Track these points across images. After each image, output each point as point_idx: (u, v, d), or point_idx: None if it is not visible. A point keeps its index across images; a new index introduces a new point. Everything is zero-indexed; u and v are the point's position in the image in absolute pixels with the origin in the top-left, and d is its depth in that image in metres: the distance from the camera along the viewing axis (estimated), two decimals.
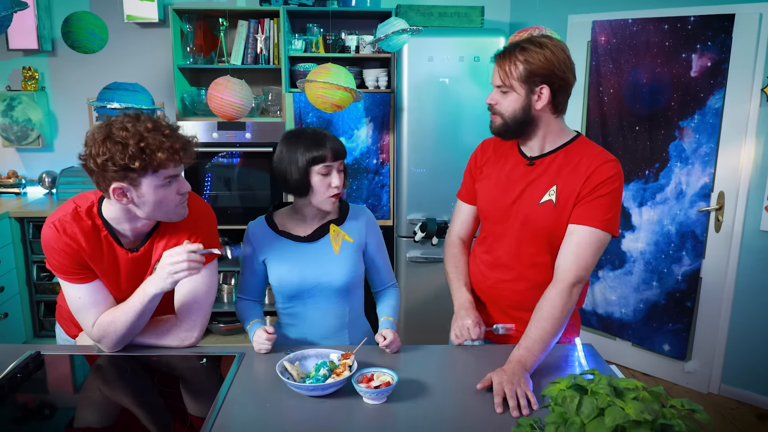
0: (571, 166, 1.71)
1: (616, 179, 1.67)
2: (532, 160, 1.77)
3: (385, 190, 3.65)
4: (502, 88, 1.70)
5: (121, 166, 1.47)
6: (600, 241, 1.66)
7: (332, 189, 1.79)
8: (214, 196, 3.63)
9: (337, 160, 1.79)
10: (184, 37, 3.66)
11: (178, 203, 1.61)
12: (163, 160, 1.49)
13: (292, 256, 1.85)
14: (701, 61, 3.03)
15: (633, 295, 3.44)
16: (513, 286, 1.82)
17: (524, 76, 1.66)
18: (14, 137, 3.94)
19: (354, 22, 3.84)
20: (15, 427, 1.43)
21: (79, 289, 1.64)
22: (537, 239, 1.75)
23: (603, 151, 1.73)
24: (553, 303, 1.63)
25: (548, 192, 1.71)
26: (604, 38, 3.34)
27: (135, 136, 1.48)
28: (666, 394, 1.00)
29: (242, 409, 1.46)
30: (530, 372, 1.56)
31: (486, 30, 3.47)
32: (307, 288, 1.85)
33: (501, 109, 1.72)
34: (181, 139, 1.55)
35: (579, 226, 1.66)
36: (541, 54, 1.65)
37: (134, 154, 1.47)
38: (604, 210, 1.65)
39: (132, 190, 1.53)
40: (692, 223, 3.19)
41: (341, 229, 1.88)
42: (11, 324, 3.52)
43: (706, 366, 3.31)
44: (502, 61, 1.69)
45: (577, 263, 1.64)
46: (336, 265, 1.85)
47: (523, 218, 1.75)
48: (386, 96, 3.55)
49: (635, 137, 3.31)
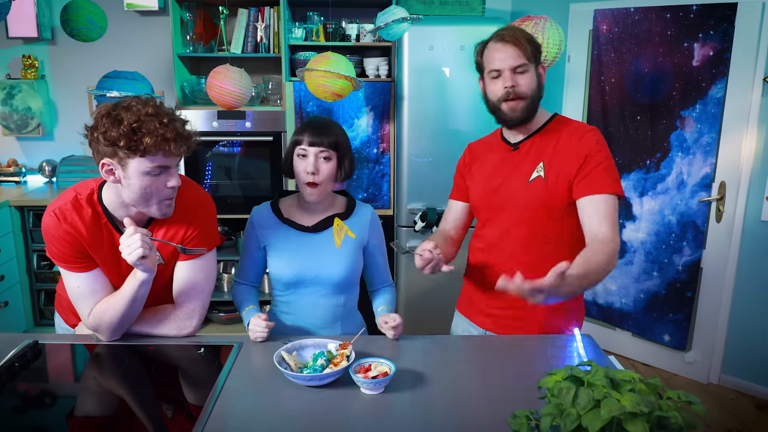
0: (553, 142, 1.76)
1: (602, 144, 1.72)
2: (516, 145, 1.81)
3: (385, 180, 3.64)
4: (519, 68, 1.70)
5: (111, 142, 1.48)
6: (615, 204, 1.68)
7: (306, 175, 1.78)
8: (214, 185, 3.62)
9: (312, 146, 1.77)
10: (184, 25, 3.64)
11: (164, 197, 1.58)
12: (149, 145, 1.48)
13: (293, 245, 1.86)
14: (703, 50, 3.00)
15: (633, 285, 3.44)
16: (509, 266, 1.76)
17: (533, 54, 1.72)
18: (14, 126, 3.94)
19: (354, 11, 3.81)
20: (12, 415, 1.43)
21: (78, 277, 1.64)
22: (530, 217, 1.76)
23: (581, 123, 1.80)
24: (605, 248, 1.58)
25: (536, 169, 1.75)
26: (606, 27, 3.31)
27: (132, 116, 1.48)
28: (663, 386, 1.00)
29: (240, 398, 1.47)
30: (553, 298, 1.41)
31: (487, 18, 3.44)
32: (304, 278, 1.85)
33: (523, 89, 1.72)
34: (177, 130, 1.52)
35: (591, 196, 1.67)
36: (529, 33, 1.75)
37: (124, 133, 1.47)
38: (606, 176, 1.68)
39: (119, 169, 1.52)
40: (693, 213, 3.18)
41: (345, 224, 1.88)
42: (11, 313, 3.53)
43: (706, 356, 3.31)
44: (515, 41, 1.70)
45: (609, 224, 1.64)
46: (336, 259, 1.85)
47: (514, 199, 1.78)
48: (387, 85, 3.53)
49: (636, 127, 3.29)
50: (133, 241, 1.51)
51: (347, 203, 1.93)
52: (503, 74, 1.72)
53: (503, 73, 1.71)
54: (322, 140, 1.77)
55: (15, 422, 1.40)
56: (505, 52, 1.70)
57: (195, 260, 1.71)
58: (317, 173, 1.78)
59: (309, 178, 1.78)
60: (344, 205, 1.93)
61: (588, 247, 1.62)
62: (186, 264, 1.72)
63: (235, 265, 3.84)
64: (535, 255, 1.77)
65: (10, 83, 3.88)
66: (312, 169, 1.77)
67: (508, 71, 1.71)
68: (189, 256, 1.70)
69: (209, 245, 1.73)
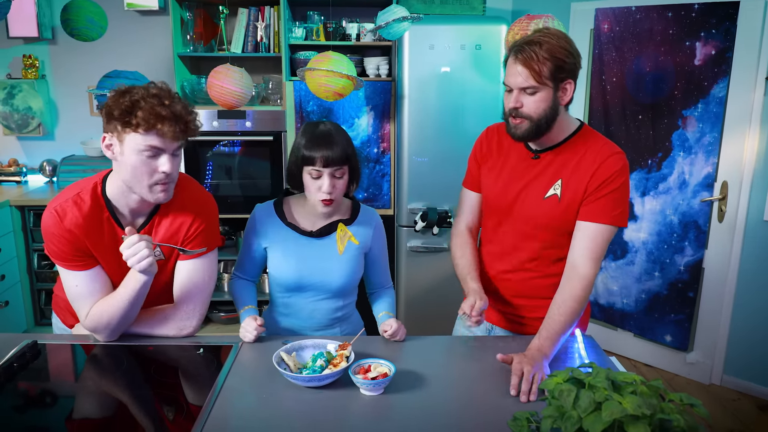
0: (575, 159, 1.69)
1: (622, 172, 1.67)
2: (537, 153, 1.74)
3: (385, 180, 3.64)
4: (528, 89, 1.61)
5: (108, 113, 1.51)
6: (610, 235, 1.67)
7: (321, 194, 1.73)
8: (215, 184, 3.61)
9: (327, 167, 1.71)
10: (184, 25, 3.63)
11: (156, 182, 1.56)
12: (140, 119, 1.48)
13: (294, 249, 1.83)
14: (705, 49, 2.99)
15: (635, 286, 3.43)
16: (514, 276, 1.82)
17: (553, 73, 1.60)
18: (15, 125, 3.93)
19: (355, 10, 3.81)
20: (11, 416, 1.42)
21: (76, 276, 1.63)
22: (541, 233, 1.74)
23: (607, 143, 1.71)
24: (575, 297, 1.62)
25: (553, 186, 1.70)
26: (607, 26, 3.30)
27: (137, 94, 1.50)
28: (665, 389, 0.99)
29: (239, 399, 1.46)
30: (549, 360, 1.58)
31: (488, 18, 3.43)
32: (304, 283, 1.83)
33: (528, 111, 1.63)
34: (174, 110, 1.51)
35: (590, 223, 1.66)
36: (560, 46, 1.60)
37: (122, 108, 1.49)
38: (614, 206, 1.65)
39: (117, 144, 1.54)
40: (695, 213, 3.17)
41: (349, 229, 1.85)
42: (12, 312, 3.53)
43: (707, 357, 3.30)
44: (528, 61, 1.59)
45: (593, 258, 1.65)
46: (337, 265, 1.83)
47: (528, 212, 1.74)
48: (387, 84, 3.52)
49: (638, 126, 3.28)
50: (138, 248, 1.51)
51: (352, 207, 1.90)
52: (513, 92, 1.65)
53: (513, 91, 1.65)
54: (335, 158, 1.70)
55: (14, 423, 1.40)
56: (516, 71, 1.62)
57: (196, 260, 1.71)
58: (333, 192, 1.73)
59: (325, 196, 1.73)
60: (349, 209, 1.89)
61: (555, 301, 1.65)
62: (187, 264, 1.71)
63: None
64: (542, 266, 1.78)
65: (11, 83, 3.88)
66: (328, 189, 1.72)
67: (517, 90, 1.64)
68: (189, 256, 1.70)
69: (211, 244, 1.73)
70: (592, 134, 1.74)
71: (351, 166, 1.77)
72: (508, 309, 1.87)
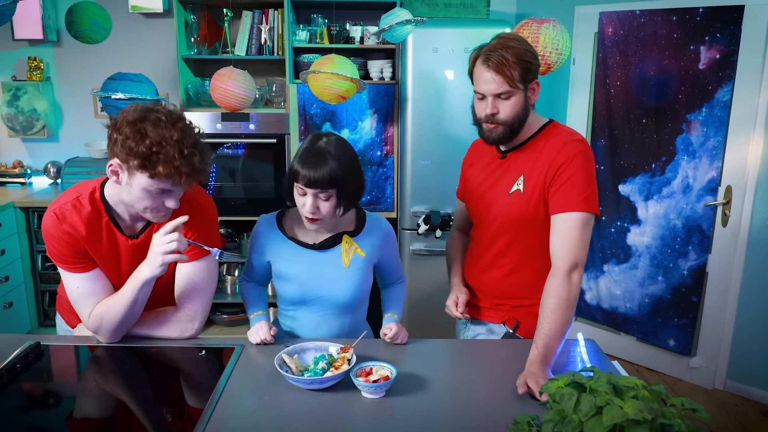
0: (536, 153, 1.74)
1: (581, 156, 1.68)
2: (505, 153, 1.81)
3: (388, 183, 3.64)
4: (503, 94, 1.66)
5: (126, 152, 1.47)
6: (583, 222, 1.65)
7: (305, 211, 1.68)
8: (218, 187, 3.62)
9: (310, 188, 1.63)
10: (189, 27, 3.64)
11: (159, 214, 1.59)
12: (161, 174, 1.47)
13: (297, 264, 1.78)
14: (710, 53, 2.99)
15: (638, 290, 3.42)
16: (491, 275, 1.87)
17: (522, 75, 1.65)
18: (20, 127, 3.95)
19: (358, 13, 3.81)
20: (14, 417, 1.43)
21: (77, 278, 1.64)
22: (509, 229, 1.79)
23: (568, 132, 1.75)
24: (556, 293, 1.61)
25: (517, 182, 1.75)
26: (612, 30, 3.30)
27: (156, 136, 1.46)
28: (666, 393, 0.99)
29: (241, 401, 1.46)
30: (551, 366, 1.56)
31: (492, 21, 3.44)
32: (308, 298, 1.79)
33: (503, 116, 1.69)
34: (194, 165, 1.50)
35: (559, 215, 1.67)
36: (524, 49, 1.66)
37: (141, 152, 1.45)
38: (577, 191, 1.65)
39: (125, 174, 1.52)
40: (699, 217, 3.16)
41: (355, 241, 1.80)
42: (16, 313, 3.53)
43: (711, 362, 3.28)
44: (500, 67, 1.63)
45: (568, 248, 1.64)
46: (343, 279, 1.78)
47: (496, 209, 1.80)
48: (390, 87, 3.53)
49: (642, 130, 3.27)
50: (170, 238, 1.53)
51: (357, 218, 1.83)
52: (486, 99, 1.68)
53: (486, 98, 1.68)
54: (319, 180, 1.61)
55: (16, 423, 1.40)
56: (489, 78, 1.65)
57: (197, 262, 1.71)
58: (316, 212, 1.67)
59: (308, 215, 1.68)
60: (353, 220, 1.82)
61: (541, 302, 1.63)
62: (188, 266, 1.71)
63: (239, 267, 3.83)
64: (513, 262, 1.83)
65: (16, 85, 3.89)
66: (311, 209, 1.66)
67: (491, 97, 1.67)
68: (191, 258, 1.70)
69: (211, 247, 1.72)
70: (556, 128, 1.78)
71: (340, 190, 1.65)
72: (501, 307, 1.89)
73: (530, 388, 1.44)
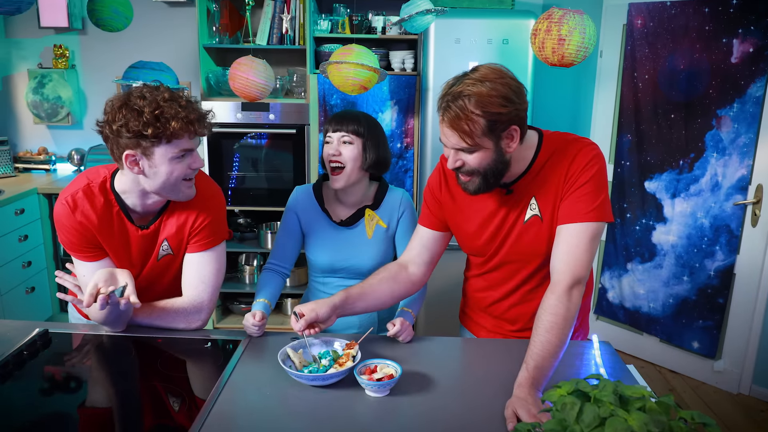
0: (545, 170, 1.56)
1: (594, 163, 1.52)
2: (509, 188, 1.60)
3: (408, 175, 3.59)
4: (465, 149, 1.46)
5: (135, 133, 1.48)
6: (592, 234, 1.49)
7: (330, 156, 1.87)
8: (240, 177, 3.61)
9: (336, 132, 1.88)
10: (211, 16, 3.63)
11: (188, 180, 1.60)
12: (177, 129, 1.50)
13: (326, 239, 1.97)
14: (743, 46, 2.87)
15: (662, 290, 3.33)
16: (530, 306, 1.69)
17: (488, 129, 1.42)
18: (45, 114, 3.99)
19: (381, 3, 3.75)
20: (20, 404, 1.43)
21: (86, 266, 1.64)
22: (534, 259, 1.63)
23: (574, 139, 1.57)
24: (553, 310, 1.43)
25: (529, 206, 1.58)
26: (641, 21, 3.20)
27: (152, 104, 1.49)
28: (676, 405, 0.93)
29: (243, 394, 1.44)
30: (542, 389, 1.39)
31: (516, 12, 3.35)
32: (337, 267, 1.97)
33: (473, 165, 1.48)
34: (196, 110, 1.56)
35: (567, 225, 1.51)
36: (494, 95, 1.40)
37: (148, 121, 1.47)
38: (588, 200, 1.49)
39: (144, 159, 1.53)
40: (727, 216, 3.05)
41: (376, 213, 1.96)
42: (38, 299, 3.59)
43: (736, 365, 3.18)
44: (456, 122, 1.41)
45: (571, 263, 1.47)
46: (367, 249, 1.96)
47: (512, 243, 1.63)
48: (412, 78, 3.47)
49: (670, 126, 3.17)
50: None
51: (377, 192, 1.98)
52: (449, 151, 1.50)
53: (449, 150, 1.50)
54: (343, 126, 1.88)
55: (22, 411, 1.40)
56: (446, 131, 1.45)
57: (203, 253, 1.70)
58: (339, 155, 1.86)
59: (332, 156, 1.87)
60: (374, 194, 1.98)
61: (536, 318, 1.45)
62: (195, 257, 1.70)
63: (257, 257, 3.83)
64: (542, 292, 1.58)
65: (42, 72, 3.94)
66: (334, 151, 1.86)
67: (452, 150, 1.48)
68: (198, 249, 1.69)
69: (218, 237, 1.72)
70: (554, 139, 1.59)
71: (364, 141, 1.88)
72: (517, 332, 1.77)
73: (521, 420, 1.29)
